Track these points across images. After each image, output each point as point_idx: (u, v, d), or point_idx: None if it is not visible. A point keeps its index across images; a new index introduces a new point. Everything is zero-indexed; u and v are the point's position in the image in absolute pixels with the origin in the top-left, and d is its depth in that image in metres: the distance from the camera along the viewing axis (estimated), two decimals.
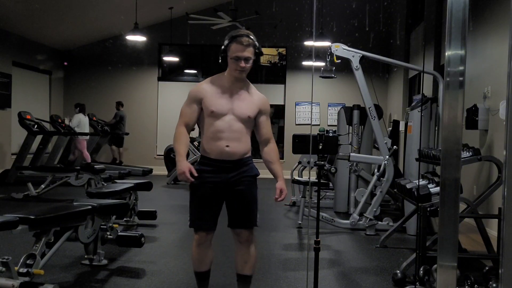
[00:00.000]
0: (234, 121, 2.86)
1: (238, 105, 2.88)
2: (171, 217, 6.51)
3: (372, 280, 3.92)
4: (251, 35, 2.88)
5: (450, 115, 1.74)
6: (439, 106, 5.66)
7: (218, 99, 2.88)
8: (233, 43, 2.82)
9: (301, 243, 5.26)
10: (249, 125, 2.93)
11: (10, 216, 3.13)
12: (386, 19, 11.49)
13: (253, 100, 2.93)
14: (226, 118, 2.86)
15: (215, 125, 2.86)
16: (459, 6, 1.70)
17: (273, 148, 3.01)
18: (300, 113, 12.48)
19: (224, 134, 2.85)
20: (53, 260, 3.77)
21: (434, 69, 7.39)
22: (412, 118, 5.64)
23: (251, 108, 2.90)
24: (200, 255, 3.01)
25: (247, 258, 3.01)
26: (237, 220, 2.96)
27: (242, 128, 2.88)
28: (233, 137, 2.86)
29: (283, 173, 2.99)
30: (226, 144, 2.85)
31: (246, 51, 2.82)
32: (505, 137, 1.66)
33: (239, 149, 2.88)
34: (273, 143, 3.02)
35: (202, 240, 2.97)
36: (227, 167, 2.88)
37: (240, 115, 2.87)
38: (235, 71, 2.86)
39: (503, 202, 1.68)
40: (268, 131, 3.01)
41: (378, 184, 5.93)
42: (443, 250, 1.76)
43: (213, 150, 2.89)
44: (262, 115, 2.97)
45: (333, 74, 6.70)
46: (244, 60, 2.82)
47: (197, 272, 3.08)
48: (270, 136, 3.01)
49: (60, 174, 7.73)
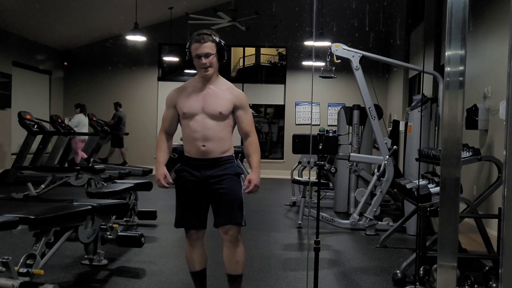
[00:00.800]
0: (206, 119, 2.88)
1: (208, 103, 2.89)
2: (171, 217, 6.43)
3: (372, 280, 3.92)
4: (210, 32, 2.92)
5: (450, 115, 1.74)
6: (439, 106, 5.66)
7: (189, 100, 2.91)
8: (192, 44, 2.88)
9: (301, 243, 5.26)
10: (225, 122, 2.92)
11: (10, 216, 3.13)
12: (386, 19, 11.49)
13: (225, 96, 2.92)
14: (198, 118, 2.89)
15: (189, 126, 2.91)
16: (459, 6, 1.70)
17: (252, 141, 2.99)
18: (300, 113, 12.48)
19: (198, 134, 2.88)
20: (53, 260, 3.77)
21: (434, 69, 7.39)
22: (412, 118, 5.64)
23: (222, 104, 2.89)
24: (191, 255, 3.05)
25: (237, 258, 2.99)
26: (220, 218, 2.95)
27: (216, 125, 2.89)
28: (208, 135, 2.88)
29: (259, 165, 2.97)
30: (202, 144, 2.88)
31: (204, 47, 2.85)
32: (505, 137, 1.66)
33: (215, 148, 2.90)
34: (252, 136, 2.99)
35: (192, 239, 3.01)
36: (205, 165, 2.91)
37: (212, 113, 2.88)
38: (200, 70, 2.89)
39: (503, 202, 1.68)
40: (246, 125, 2.98)
41: (378, 184, 5.93)
42: (443, 250, 1.76)
43: (191, 150, 2.94)
44: (238, 110, 2.95)
45: (333, 74, 6.71)
46: (204, 57, 2.85)
47: (191, 272, 3.11)
48: (249, 129, 2.98)
49: (60, 174, 7.73)
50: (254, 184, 2.91)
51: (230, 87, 2.99)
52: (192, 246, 3.03)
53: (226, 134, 2.93)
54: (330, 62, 6.06)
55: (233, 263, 3.00)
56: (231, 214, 2.93)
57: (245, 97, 3.03)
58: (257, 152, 2.98)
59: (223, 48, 2.94)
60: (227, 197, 2.92)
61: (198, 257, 3.05)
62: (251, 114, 3.06)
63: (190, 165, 2.95)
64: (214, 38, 2.89)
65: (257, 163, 2.97)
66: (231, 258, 3.00)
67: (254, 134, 3.02)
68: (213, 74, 2.92)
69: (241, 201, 2.95)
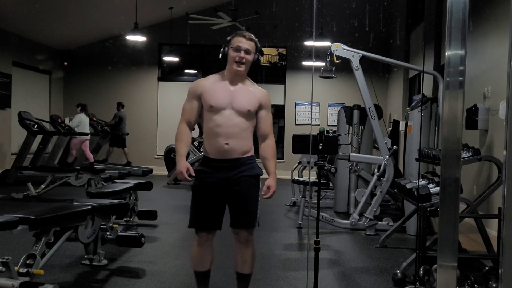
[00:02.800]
0: (233, 115, 2.84)
1: (237, 98, 2.86)
2: (171, 217, 6.51)
3: (372, 280, 3.92)
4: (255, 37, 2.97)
5: (450, 115, 1.74)
6: (439, 106, 5.66)
7: (217, 93, 2.87)
8: (236, 37, 2.91)
9: (301, 243, 5.26)
10: (250, 120, 2.90)
11: (10, 216, 3.13)
12: (386, 19, 11.49)
13: (254, 94, 2.92)
14: (225, 113, 2.84)
15: (214, 120, 2.85)
16: (459, 6, 1.70)
17: (270, 144, 2.98)
18: (300, 113, 12.49)
19: (223, 129, 2.83)
20: (53, 260, 3.77)
21: (434, 69, 7.39)
22: (412, 118, 5.64)
23: (251, 102, 2.88)
24: (200, 255, 3.00)
25: (246, 258, 3.02)
26: (237, 220, 2.96)
27: (242, 123, 2.86)
28: (232, 132, 2.84)
29: (276, 171, 2.96)
30: (225, 141, 2.84)
31: (248, 43, 2.88)
32: (505, 137, 1.66)
33: (238, 147, 2.86)
34: (271, 139, 2.98)
35: (202, 240, 2.96)
36: (226, 166, 2.88)
37: (240, 109, 2.85)
38: (234, 63, 2.85)
39: (503, 202, 1.68)
40: (267, 127, 2.97)
41: (378, 184, 5.93)
42: (443, 250, 1.76)
43: (213, 149, 2.88)
44: (262, 109, 2.94)
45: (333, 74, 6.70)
46: (244, 51, 2.85)
47: (197, 272, 3.07)
48: (269, 132, 2.98)
49: (60, 174, 7.73)
50: (273, 191, 2.91)
51: (256, 86, 2.99)
52: (201, 247, 2.98)
53: (248, 134, 2.92)
54: (330, 62, 6.05)
55: (242, 262, 3.03)
56: (246, 217, 2.94)
57: (269, 98, 3.02)
58: (274, 156, 2.98)
59: (261, 53, 2.99)
60: (244, 200, 2.92)
61: (206, 258, 3.02)
62: (271, 117, 3.04)
63: (210, 166, 2.90)
64: (257, 42, 2.95)
65: (274, 168, 2.95)
66: (240, 257, 3.02)
67: (273, 137, 3.00)
68: (243, 72, 2.90)
69: (257, 203, 2.96)
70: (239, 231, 2.97)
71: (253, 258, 3.06)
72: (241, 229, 2.96)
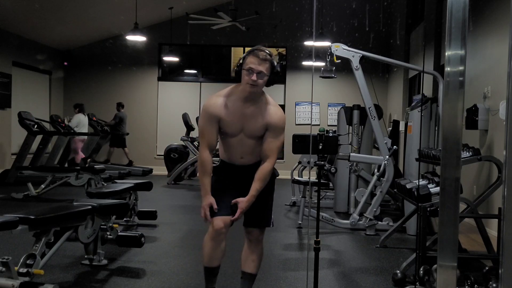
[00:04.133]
0: (245, 139, 2.91)
1: (248, 126, 2.88)
2: (171, 217, 6.51)
3: (372, 280, 3.92)
4: (270, 52, 2.84)
5: (450, 115, 1.74)
6: (439, 106, 5.66)
7: (231, 119, 2.87)
8: (250, 56, 2.79)
9: (301, 243, 5.26)
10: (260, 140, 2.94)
11: (10, 216, 3.13)
12: (386, 19, 11.49)
13: (263, 119, 2.88)
14: (238, 137, 2.91)
15: (228, 141, 2.95)
16: (459, 6, 1.70)
17: (265, 168, 2.89)
18: (300, 113, 12.48)
19: (237, 149, 2.94)
20: (53, 260, 3.77)
21: (434, 69, 7.38)
22: (412, 118, 5.64)
23: (258, 128, 2.90)
24: (213, 249, 2.91)
25: (254, 257, 3.04)
26: (251, 219, 2.98)
27: (254, 144, 2.93)
28: (246, 151, 2.93)
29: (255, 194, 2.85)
30: (240, 156, 2.95)
31: (261, 65, 2.77)
32: (505, 137, 1.66)
33: (253, 159, 2.95)
34: (268, 163, 2.89)
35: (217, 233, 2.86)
36: (243, 168, 2.95)
37: (250, 135, 2.91)
38: (246, 85, 2.80)
39: (503, 202, 1.68)
40: (268, 150, 2.90)
41: (378, 184, 5.93)
42: (443, 250, 1.76)
43: (229, 159, 2.99)
44: (268, 132, 2.89)
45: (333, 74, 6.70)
46: (256, 74, 2.76)
47: (207, 267, 2.99)
48: (269, 154, 2.90)
49: (60, 174, 7.73)
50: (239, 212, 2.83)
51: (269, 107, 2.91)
52: (216, 240, 2.89)
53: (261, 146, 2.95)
54: (330, 62, 6.05)
55: (249, 261, 3.04)
56: (261, 216, 2.98)
57: (282, 121, 2.92)
58: (262, 180, 2.88)
59: (277, 74, 2.89)
60: (260, 199, 2.91)
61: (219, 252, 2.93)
62: (280, 140, 2.93)
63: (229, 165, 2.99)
64: (272, 60, 2.83)
65: (255, 191, 2.84)
66: (248, 256, 3.04)
67: (271, 162, 2.91)
68: (257, 93, 2.86)
69: (271, 203, 3.01)
70: (252, 230, 3.01)
71: (260, 258, 3.08)
72: (254, 228, 3.00)
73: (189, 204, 7.75)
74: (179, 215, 6.73)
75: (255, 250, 3.04)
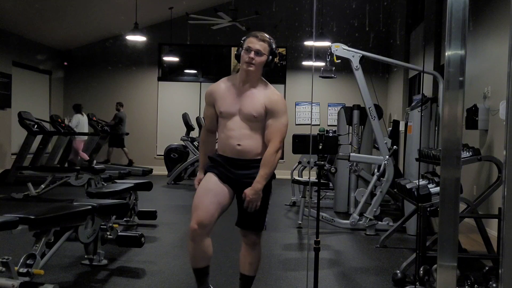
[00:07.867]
0: (242, 121, 2.87)
1: (244, 104, 2.87)
2: (171, 217, 6.51)
3: (372, 280, 3.92)
4: (270, 37, 2.92)
5: (450, 115, 1.74)
6: (439, 106, 5.66)
7: (227, 100, 2.90)
8: (249, 37, 2.90)
9: (301, 243, 5.26)
10: (260, 123, 2.88)
11: (10, 216, 3.12)
12: (386, 19, 11.49)
13: (259, 99, 2.87)
14: (235, 118, 2.88)
15: (226, 125, 2.92)
16: (459, 6, 1.70)
17: (269, 151, 2.86)
18: (300, 113, 12.48)
19: (235, 132, 2.88)
20: (53, 260, 3.76)
21: (434, 69, 7.39)
22: (412, 118, 5.64)
23: (255, 108, 2.85)
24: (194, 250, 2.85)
25: (251, 260, 3.02)
26: (244, 221, 2.95)
27: (251, 127, 2.87)
28: (244, 135, 2.87)
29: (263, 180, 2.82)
30: (237, 142, 2.87)
31: (259, 44, 2.84)
32: (505, 137, 1.66)
33: (251, 148, 2.88)
34: (271, 147, 2.87)
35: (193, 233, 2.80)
36: (239, 164, 2.90)
37: (246, 116, 2.86)
38: (244, 64, 2.84)
39: (503, 202, 1.68)
40: (270, 133, 2.87)
41: (378, 184, 5.93)
42: (443, 250, 1.75)
43: (227, 148, 2.92)
44: (268, 115, 2.87)
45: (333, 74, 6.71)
46: (254, 52, 2.82)
47: (194, 268, 2.95)
48: (270, 138, 2.87)
49: (60, 174, 7.73)
50: (248, 201, 2.82)
51: (268, 90, 2.92)
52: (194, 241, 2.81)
53: (260, 137, 2.90)
54: (330, 62, 6.05)
55: (246, 263, 3.03)
56: (254, 219, 2.93)
57: (280, 102, 2.91)
58: (269, 165, 2.84)
59: (275, 55, 2.93)
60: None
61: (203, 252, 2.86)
62: (282, 122, 2.88)
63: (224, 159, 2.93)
64: (271, 42, 2.89)
65: (261, 177, 2.81)
66: (245, 258, 3.02)
67: (274, 145, 2.86)
68: (255, 73, 2.86)
69: (266, 206, 2.95)
70: (247, 234, 2.98)
71: (258, 261, 3.06)
72: (248, 232, 2.98)
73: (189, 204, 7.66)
74: (179, 215, 6.73)
75: (252, 253, 3.01)
